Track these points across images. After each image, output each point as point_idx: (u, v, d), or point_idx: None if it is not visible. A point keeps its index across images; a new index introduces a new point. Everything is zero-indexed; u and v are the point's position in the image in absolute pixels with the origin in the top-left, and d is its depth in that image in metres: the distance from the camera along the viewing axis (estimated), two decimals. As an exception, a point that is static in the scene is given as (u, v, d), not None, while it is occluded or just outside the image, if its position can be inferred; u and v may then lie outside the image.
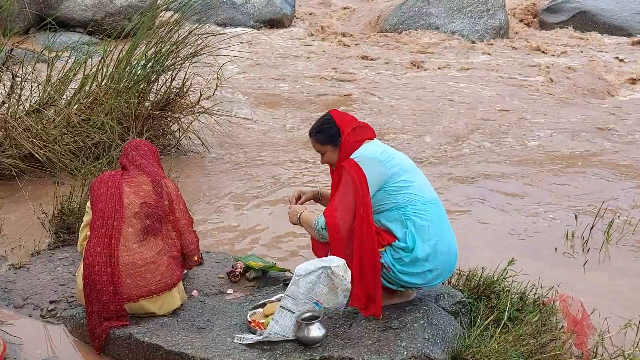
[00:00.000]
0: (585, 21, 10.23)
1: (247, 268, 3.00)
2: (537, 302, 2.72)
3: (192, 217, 2.81)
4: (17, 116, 4.10)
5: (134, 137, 4.35)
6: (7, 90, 4.16)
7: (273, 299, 2.62)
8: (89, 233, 2.63)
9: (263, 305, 2.59)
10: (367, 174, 2.34)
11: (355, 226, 2.30)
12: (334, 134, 2.48)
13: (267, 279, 2.96)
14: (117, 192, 2.61)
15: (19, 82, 4.17)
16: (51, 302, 2.82)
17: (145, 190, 2.65)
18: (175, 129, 4.83)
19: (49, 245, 3.34)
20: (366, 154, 2.42)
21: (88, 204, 2.72)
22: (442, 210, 2.49)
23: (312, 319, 2.28)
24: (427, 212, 2.38)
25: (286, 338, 2.29)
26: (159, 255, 2.57)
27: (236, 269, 3.01)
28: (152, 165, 2.75)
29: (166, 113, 4.73)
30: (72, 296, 2.83)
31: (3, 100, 4.12)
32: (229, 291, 2.88)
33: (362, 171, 2.34)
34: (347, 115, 2.61)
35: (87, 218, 2.71)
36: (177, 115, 4.79)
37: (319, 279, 2.27)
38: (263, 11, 10.11)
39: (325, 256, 2.36)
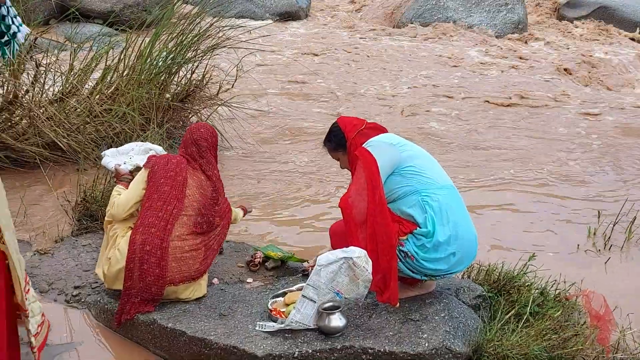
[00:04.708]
0: (605, 16, 10.06)
1: (266, 258, 3.02)
2: (559, 298, 2.70)
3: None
4: (41, 105, 4.15)
5: (154, 128, 4.39)
6: (31, 79, 4.20)
7: (293, 288, 2.64)
8: (141, 205, 2.66)
9: (283, 295, 2.61)
10: (377, 157, 2.39)
11: (368, 210, 2.33)
12: (341, 140, 2.57)
13: (285, 269, 2.99)
14: (182, 180, 2.68)
15: (42, 71, 4.22)
16: (75, 287, 2.87)
17: (206, 191, 2.73)
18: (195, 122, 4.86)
19: (73, 232, 3.39)
20: (377, 140, 2.50)
21: (143, 170, 2.74)
22: (458, 196, 2.51)
23: (333, 308, 2.29)
24: (442, 196, 2.41)
25: (307, 327, 2.31)
26: (201, 245, 2.66)
27: (255, 258, 3.04)
28: (211, 165, 2.77)
29: (186, 105, 4.76)
30: (96, 282, 2.87)
31: (27, 89, 4.17)
32: (249, 280, 2.90)
33: (372, 156, 2.40)
34: (354, 119, 2.67)
35: (142, 180, 2.70)
36: (197, 107, 4.81)
37: (340, 269, 2.28)
38: (279, 4, 10.09)
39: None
